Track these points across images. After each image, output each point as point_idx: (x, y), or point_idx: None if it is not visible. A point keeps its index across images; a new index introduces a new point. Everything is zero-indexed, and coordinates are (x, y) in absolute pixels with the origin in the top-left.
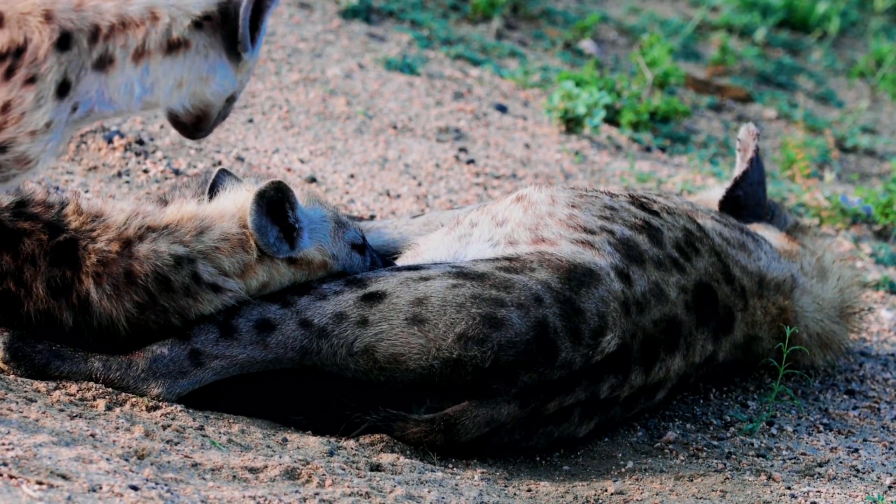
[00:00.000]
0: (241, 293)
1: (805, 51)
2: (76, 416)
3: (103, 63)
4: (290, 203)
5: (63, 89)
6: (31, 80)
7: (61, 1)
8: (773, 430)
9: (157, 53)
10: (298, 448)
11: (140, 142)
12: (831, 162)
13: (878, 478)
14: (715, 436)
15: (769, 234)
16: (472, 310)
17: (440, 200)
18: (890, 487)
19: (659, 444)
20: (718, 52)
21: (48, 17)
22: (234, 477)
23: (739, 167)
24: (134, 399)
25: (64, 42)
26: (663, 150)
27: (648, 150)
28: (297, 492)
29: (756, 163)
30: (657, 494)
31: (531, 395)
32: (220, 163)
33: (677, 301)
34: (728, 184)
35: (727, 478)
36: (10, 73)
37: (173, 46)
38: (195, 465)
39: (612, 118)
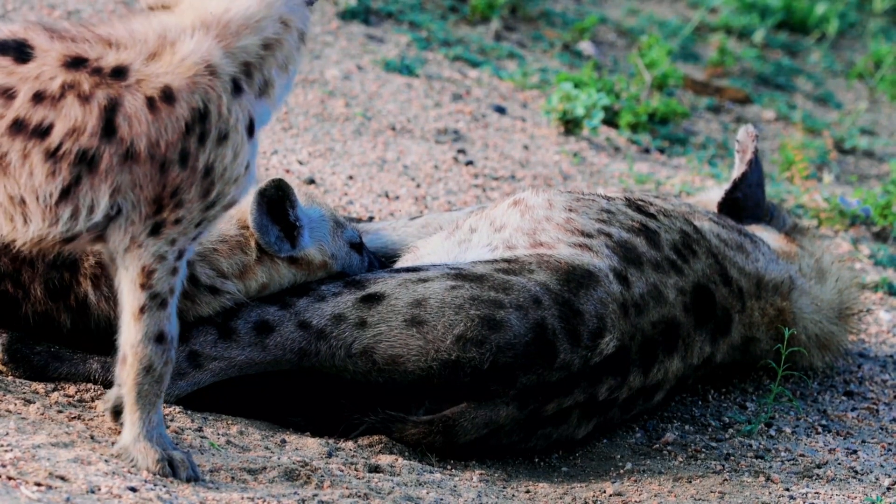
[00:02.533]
0: (239, 295)
1: (804, 52)
2: (75, 417)
3: (265, 89)
4: (290, 202)
5: (251, 129)
6: (224, 137)
7: (215, 50)
8: (772, 432)
9: (295, 55)
10: (297, 449)
11: None
12: (830, 163)
13: (877, 479)
14: (713, 437)
15: (767, 236)
16: (471, 311)
17: (439, 202)
18: (888, 489)
19: (657, 445)
20: (717, 54)
21: (213, 71)
22: (233, 478)
23: (738, 169)
24: None
25: (237, 88)
26: (662, 151)
27: (647, 151)
28: (295, 493)
29: (755, 164)
30: (656, 496)
31: (530, 396)
32: None
33: (675, 303)
34: (727, 185)
35: (726, 479)
36: (203, 139)
37: (302, 40)
38: None
39: (611, 119)
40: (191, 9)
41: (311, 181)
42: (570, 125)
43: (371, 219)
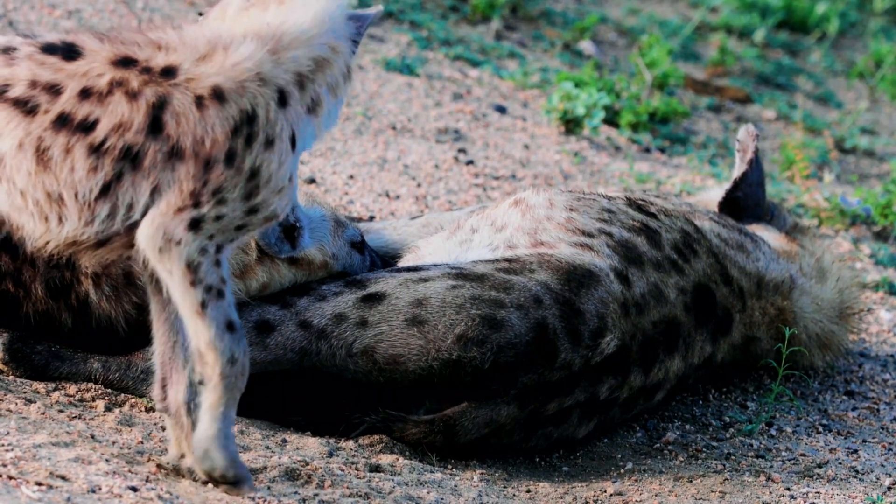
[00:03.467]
0: (240, 294)
1: (804, 52)
2: (75, 416)
3: (314, 107)
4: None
5: (293, 142)
6: (270, 143)
7: (266, 60)
8: (773, 431)
9: (342, 83)
10: (298, 449)
11: None
12: (830, 163)
13: (878, 479)
14: (714, 437)
15: (768, 235)
16: (472, 311)
17: (439, 201)
18: (889, 488)
19: (658, 444)
20: (717, 53)
21: (263, 79)
22: None
23: (739, 168)
24: (133, 400)
25: (283, 99)
26: (662, 150)
27: (647, 150)
28: (296, 493)
29: (755, 164)
30: (656, 495)
31: (530, 396)
32: None
33: (676, 302)
34: (727, 185)
35: (726, 479)
36: (250, 141)
37: (350, 70)
38: None
39: (612, 119)
40: (246, 18)
41: (312, 180)
42: (571, 124)
43: (372, 218)
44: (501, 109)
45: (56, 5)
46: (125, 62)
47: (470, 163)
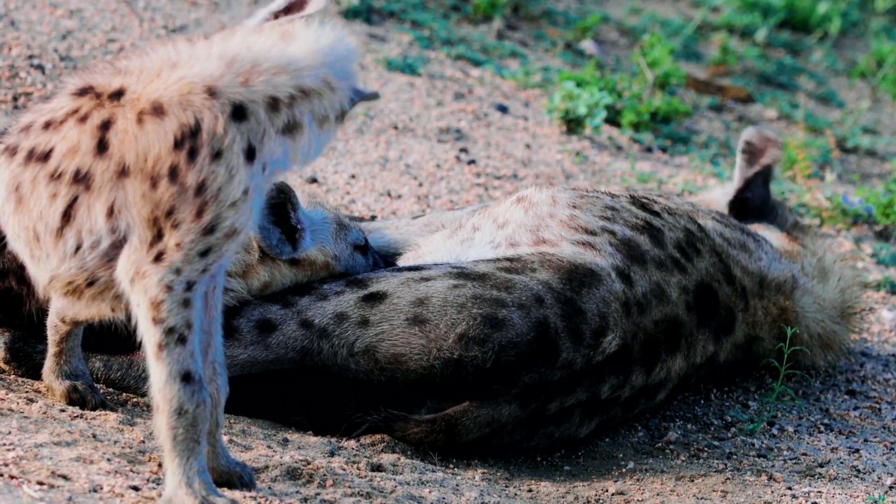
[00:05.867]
0: (242, 293)
1: (806, 51)
2: (77, 416)
3: (290, 129)
4: (291, 204)
5: (250, 154)
6: (217, 156)
7: (224, 77)
8: (774, 431)
9: (331, 119)
10: (299, 448)
11: None
12: (832, 162)
13: (879, 478)
14: (716, 436)
15: (770, 235)
16: (473, 310)
17: (441, 201)
18: (891, 488)
19: (660, 444)
20: (719, 53)
21: (212, 93)
22: None
23: (748, 170)
24: (135, 399)
25: (239, 113)
26: (664, 150)
27: (649, 150)
28: (298, 492)
29: (766, 167)
30: (658, 495)
31: (532, 395)
32: None
33: (678, 301)
34: (738, 184)
35: (728, 478)
36: (193, 155)
37: (342, 115)
38: None
39: (613, 118)
40: (228, 41)
41: (314, 180)
42: (573, 124)
43: (373, 218)
44: (503, 109)
45: (57, 5)
46: (83, 91)
47: (472, 162)
